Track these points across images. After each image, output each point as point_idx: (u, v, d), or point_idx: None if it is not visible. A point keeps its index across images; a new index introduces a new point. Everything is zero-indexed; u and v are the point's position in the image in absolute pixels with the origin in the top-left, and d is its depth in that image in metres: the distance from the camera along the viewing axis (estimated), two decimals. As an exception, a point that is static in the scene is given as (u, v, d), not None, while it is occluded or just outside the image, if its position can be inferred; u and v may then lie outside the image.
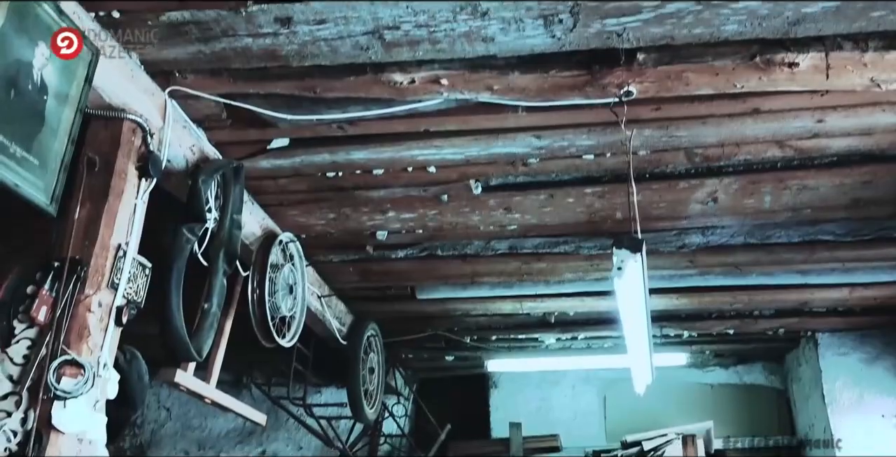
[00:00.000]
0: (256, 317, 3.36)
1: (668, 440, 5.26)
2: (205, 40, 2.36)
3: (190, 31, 2.31)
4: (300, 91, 2.68)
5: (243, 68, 2.53)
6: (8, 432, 2.15)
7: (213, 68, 2.55)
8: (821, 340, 4.98)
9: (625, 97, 2.53)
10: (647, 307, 2.66)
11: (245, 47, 2.38)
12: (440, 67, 2.49)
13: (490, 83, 2.57)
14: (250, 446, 6.41)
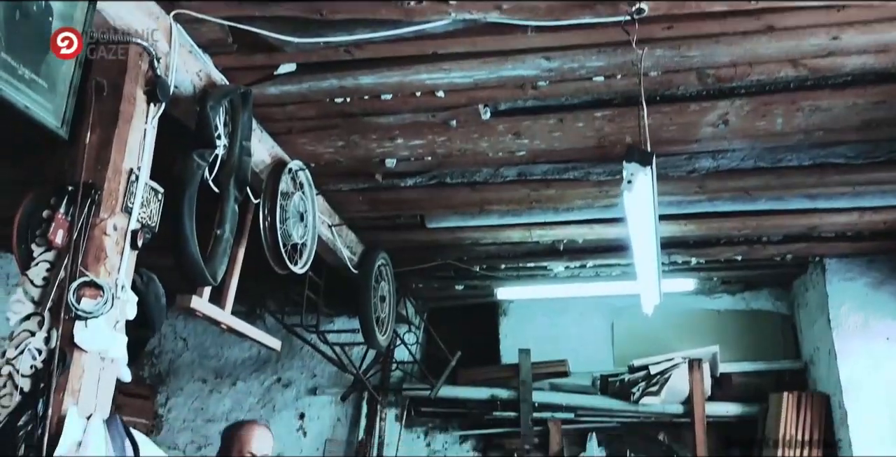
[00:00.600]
0: (269, 244, 3.41)
1: (675, 364, 5.37)
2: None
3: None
4: (306, 13, 2.65)
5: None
6: (33, 351, 2.22)
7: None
8: (828, 265, 5.01)
9: (636, 15, 2.50)
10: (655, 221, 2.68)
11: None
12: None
13: (499, 2, 2.53)
14: (265, 374, 6.58)
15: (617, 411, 5.61)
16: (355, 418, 6.20)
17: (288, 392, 6.47)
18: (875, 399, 4.68)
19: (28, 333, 2.25)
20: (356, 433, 6.11)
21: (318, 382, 6.43)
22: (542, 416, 5.73)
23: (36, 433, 2.12)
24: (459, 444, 6.05)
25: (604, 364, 5.96)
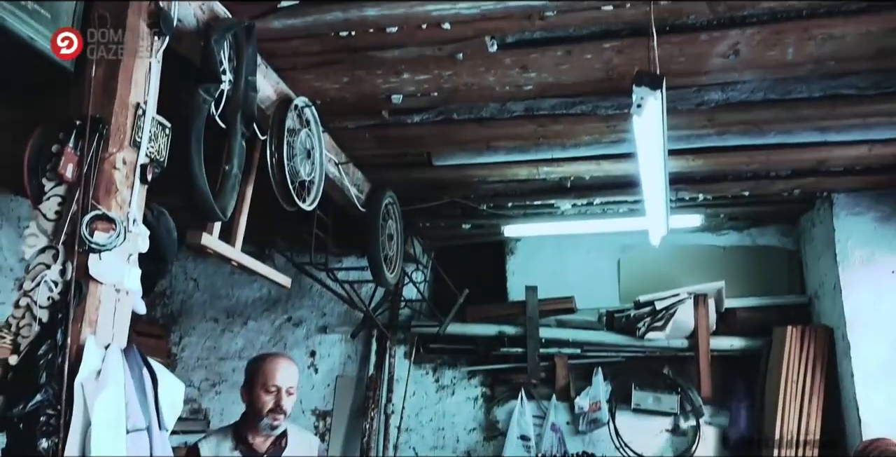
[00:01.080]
0: (277, 180, 3.42)
1: (680, 300, 5.43)
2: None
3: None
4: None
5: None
6: (49, 283, 2.26)
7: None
8: (836, 200, 4.99)
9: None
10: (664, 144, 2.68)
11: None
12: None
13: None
14: (276, 313, 6.68)
15: (622, 346, 5.70)
16: (365, 355, 6.33)
17: (299, 331, 6.59)
18: (878, 332, 4.73)
19: (44, 266, 2.29)
20: (366, 370, 6.24)
21: (328, 320, 6.54)
22: (549, 351, 5.84)
23: (56, 362, 2.18)
24: (467, 379, 6.18)
25: (610, 301, 6.04)
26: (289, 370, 2.96)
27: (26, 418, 2.11)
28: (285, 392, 2.90)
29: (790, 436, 4.86)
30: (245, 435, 2.92)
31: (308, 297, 6.62)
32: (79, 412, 2.13)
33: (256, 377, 2.95)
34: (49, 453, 2.12)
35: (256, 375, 2.96)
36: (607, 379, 5.77)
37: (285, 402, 2.89)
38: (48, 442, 2.12)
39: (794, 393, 4.94)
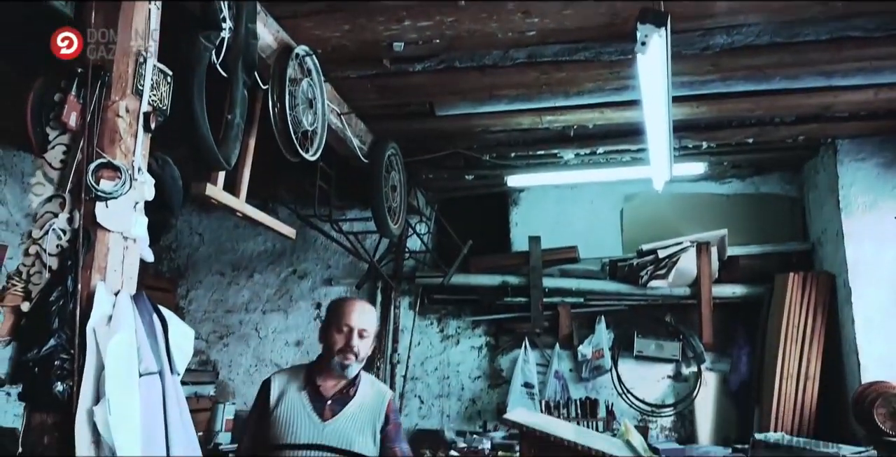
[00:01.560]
0: (279, 130, 3.41)
1: (683, 248, 5.45)
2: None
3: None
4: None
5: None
6: (58, 231, 2.28)
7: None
8: (840, 146, 4.97)
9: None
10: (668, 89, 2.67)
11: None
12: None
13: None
14: (281, 266, 6.73)
15: (625, 295, 5.75)
16: (370, 306, 6.38)
17: (304, 283, 6.64)
18: (879, 278, 4.77)
19: (51, 215, 2.31)
20: (372, 321, 6.29)
21: (333, 273, 6.59)
22: (552, 301, 5.89)
23: (67, 308, 2.22)
24: (472, 329, 6.26)
25: (613, 250, 6.06)
26: (363, 313, 2.90)
27: (41, 363, 2.16)
28: (357, 333, 2.83)
29: (790, 380, 4.93)
30: (316, 376, 2.88)
31: (312, 250, 6.67)
32: (92, 356, 2.17)
33: (331, 318, 2.92)
34: (64, 396, 2.17)
35: (331, 315, 2.93)
36: (610, 327, 5.84)
37: (356, 342, 2.82)
38: (63, 385, 2.17)
39: (795, 338, 5.00)
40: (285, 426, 2.76)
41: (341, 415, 2.82)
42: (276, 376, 2.94)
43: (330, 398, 2.84)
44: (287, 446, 2.73)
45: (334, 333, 2.85)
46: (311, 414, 2.79)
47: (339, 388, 2.88)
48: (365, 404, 2.87)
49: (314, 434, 2.76)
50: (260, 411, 2.85)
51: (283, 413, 2.79)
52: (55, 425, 2.21)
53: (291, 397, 2.83)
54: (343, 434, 2.79)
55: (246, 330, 6.68)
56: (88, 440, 2.13)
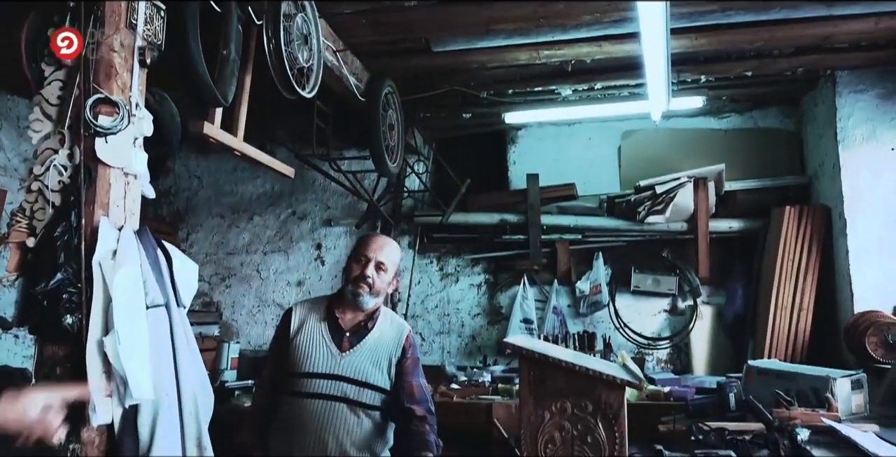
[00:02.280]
0: (275, 67, 3.38)
1: (681, 183, 5.47)
2: None
3: None
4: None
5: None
6: (59, 167, 2.30)
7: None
8: (839, 77, 4.94)
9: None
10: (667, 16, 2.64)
11: None
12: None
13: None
14: (280, 208, 6.76)
15: (623, 231, 5.80)
16: (370, 246, 6.43)
17: (304, 224, 6.68)
18: (874, 209, 4.80)
19: (51, 151, 2.32)
20: (372, 260, 6.36)
21: (332, 213, 6.62)
22: (551, 238, 5.94)
23: (72, 243, 2.25)
24: (471, 267, 6.33)
25: (611, 187, 6.08)
26: (382, 246, 2.96)
27: (49, 296, 2.21)
28: (374, 264, 2.90)
29: (784, 312, 5.02)
30: (335, 308, 2.96)
31: (311, 191, 6.68)
32: (99, 290, 2.21)
33: (353, 250, 3.01)
34: (74, 328, 2.22)
35: (354, 248, 3.03)
36: (607, 263, 5.90)
37: (370, 272, 2.88)
38: (72, 318, 2.22)
39: (790, 271, 5.07)
40: (304, 355, 2.85)
41: (359, 347, 2.89)
42: (298, 306, 3.03)
43: (348, 330, 2.92)
44: (305, 375, 2.83)
45: (352, 263, 2.94)
46: (329, 345, 2.88)
47: (358, 321, 2.96)
48: (382, 338, 2.93)
49: (331, 365, 2.85)
50: (281, 339, 2.97)
51: (303, 342, 2.88)
52: (66, 357, 2.28)
53: (311, 327, 2.92)
54: (359, 366, 2.86)
55: (248, 271, 6.75)
56: (100, 370, 2.19)
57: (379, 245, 2.96)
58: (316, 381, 2.82)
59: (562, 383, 2.03)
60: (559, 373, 2.02)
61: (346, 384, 2.82)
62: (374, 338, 2.92)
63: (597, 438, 2.00)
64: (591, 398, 2.02)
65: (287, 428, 2.83)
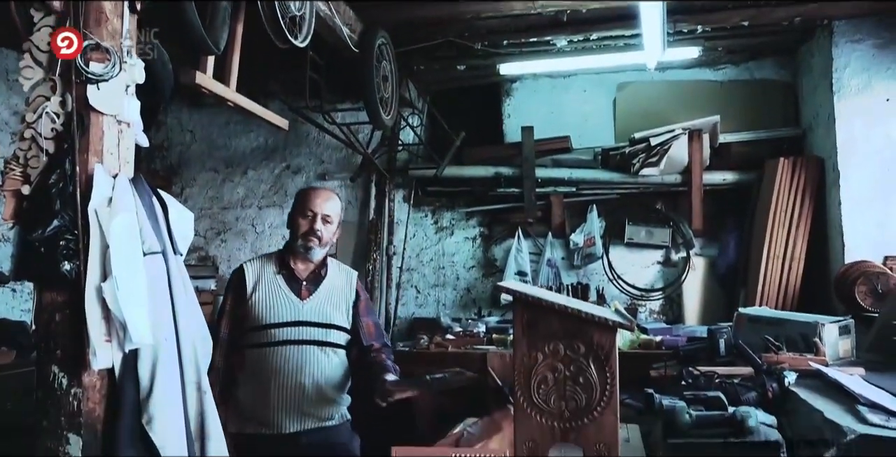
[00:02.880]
0: (266, 14, 3.34)
1: (675, 135, 5.47)
2: None
3: None
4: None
5: None
6: (51, 114, 2.29)
7: None
8: (836, 27, 4.89)
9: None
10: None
11: None
12: None
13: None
14: (275, 162, 6.75)
15: (617, 183, 5.81)
16: (365, 200, 6.46)
17: (298, 178, 6.68)
18: (867, 160, 4.81)
19: (43, 98, 2.30)
20: (367, 214, 6.39)
21: (327, 167, 6.61)
22: (545, 191, 5.96)
23: (68, 190, 2.25)
24: (465, 220, 6.36)
25: (605, 139, 6.07)
26: (325, 199, 3.10)
27: (47, 243, 2.21)
28: (321, 218, 3.04)
29: (775, 263, 5.07)
30: (288, 260, 3.08)
31: (305, 144, 6.66)
32: (96, 237, 2.22)
33: (296, 205, 3.12)
34: (72, 274, 2.24)
35: (297, 203, 3.13)
36: (601, 215, 5.93)
37: (319, 226, 3.02)
38: (70, 264, 2.23)
39: (783, 222, 5.11)
40: (266, 308, 2.98)
41: (317, 293, 3.07)
42: (248, 264, 3.13)
43: (304, 280, 3.07)
44: (269, 326, 2.96)
45: (299, 218, 3.06)
46: (288, 295, 3.02)
47: (311, 270, 3.10)
48: (335, 284, 3.12)
49: (294, 312, 3.00)
50: (236, 298, 3.04)
51: (263, 297, 2.99)
52: (65, 303, 2.29)
53: (268, 281, 3.03)
54: (321, 310, 3.05)
55: (243, 226, 6.77)
56: (99, 316, 2.21)
57: (323, 199, 3.08)
58: (282, 329, 2.97)
59: (555, 325, 2.06)
60: (552, 315, 2.05)
61: (311, 328, 3.00)
62: (329, 284, 3.10)
63: (589, 378, 2.04)
64: (583, 340, 2.05)
65: (259, 377, 2.95)
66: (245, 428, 2.96)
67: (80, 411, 2.28)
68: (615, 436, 2.04)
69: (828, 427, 2.25)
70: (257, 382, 2.95)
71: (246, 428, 2.96)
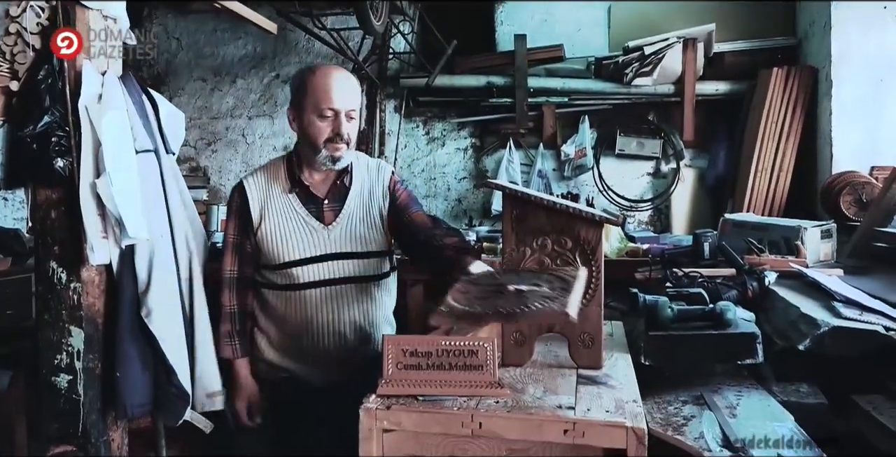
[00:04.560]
0: None
1: (669, 44, 5.39)
2: None
3: None
4: None
5: None
6: (36, 8, 2.26)
7: None
8: (837, -71, 4.78)
9: None
10: None
11: None
12: None
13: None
14: (264, 70, 6.64)
15: (609, 94, 5.76)
16: (356, 110, 6.38)
17: (288, 88, 6.57)
18: (860, 69, 4.77)
19: (25, -5, 2.27)
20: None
21: (317, 77, 6.50)
22: (537, 101, 5.91)
23: (57, 86, 2.24)
24: (457, 131, 6.33)
25: (599, 49, 5.98)
26: (348, 89, 2.31)
27: (38, 139, 2.23)
28: (345, 116, 2.28)
29: (764, 173, 5.11)
30: (300, 173, 2.40)
31: (294, 53, 6.55)
32: (87, 133, 2.23)
33: (305, 98, 2.29)
34: (65, 171, 2.26)
35: (305, 95, 2.29)
36: (593, 126, 5.92)
37: (345, 128, 2.28)
38: (63, 161, 2.25)
39: (773, 133, 5.11)
40: (281, 241, 2.35)
41: (344, 212, 2.39)
42: (250, 181, 2.42)
43: (325, 197, 2.40)
44: (288, 264, 2.36)
45: (316, 120, 2.28)
46: (308, 221, 2.37)
47: (332, 180, 2.41)
48: (366, 192, 2.43)
49: (319, 244, 2.36)
50: (239, 226, 2.42)
51: (274, 227, 2.36)
52: (60, 200, 2.33)
53: (278, 205, 2.38)
54: (353, 234, 2.38)
55: (233, 136, 6.73)
56: (94, 212, 2.25)
57: (345, 88, 2.29)
58: (305, 269, 2.35)
59: (543, 220, 2.10)
60: (540, 211, 2.09)
61: (345, 262, 2.38)
62: (358, 195, 2.42)
63: (575, 272, 2.11)
64: (570, 235, 2.10)
65: (283, 328, 2.43)
66: (276, 374, 2.47)
67: (80, 305, 2.35)
68: (599, 327, 2.12)
69: (803, 321, 2.34)
70: (282, 333, 2.43)
71: (278, 374, 2.47)
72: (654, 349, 2.25)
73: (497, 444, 1.77)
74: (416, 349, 1.94)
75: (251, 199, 2.37)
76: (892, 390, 2.21)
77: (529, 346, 2.18)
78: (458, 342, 1.96)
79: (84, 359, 2.34)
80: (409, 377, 1.92)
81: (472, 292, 1.86)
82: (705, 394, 2.16)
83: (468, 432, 1.76)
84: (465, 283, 1.95)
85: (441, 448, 1.80)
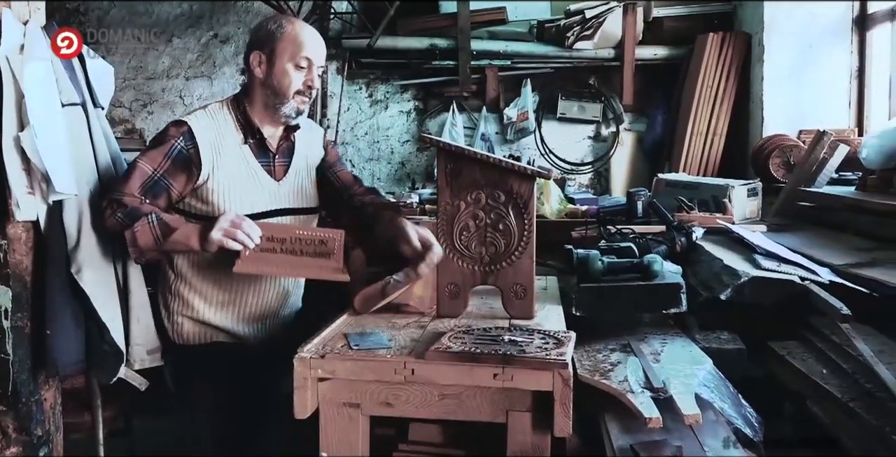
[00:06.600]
0: None
1: (610, 8, 5.44)
2: None
3: None
4: None
5: None
6: (-50, -49, 2.16)
7: None
8: None
9: None
10: None
11: None
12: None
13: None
14: (201, 30, 6.47)
15: (551, 58, 5.79)
16: (297, 72, 6.29)
17: (227, 48, 6.46)
18: (791, 35, 4.88)
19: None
20: (299, 87, 6.25)
21: (256, 37, 6.38)
22: (480, 64, 5.90)
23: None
24: (400, 94, 6.30)
25: (542, 12, 5.97)
26: (321, 43, 2.36)
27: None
28: (317, 69, 2.33)
29: (699, 137, 5.24)
30: (255, 122, 2.36)
31: (234, 12, 6.40)
32: (9, 85, 2.16)
33: (279, 44, 2.27)
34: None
35: (279, 40, 2.28)
36: (535, 90, 5.95)
37: (317, 82, 2.34)
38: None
39: (708, 98, 5.23)
40: (232, 194, 2.30)
41: (292, 168, 2.43)
42: (197, 125, 2.31)
43: (276, 152, 2.40)
44: None
45: (291, 69, 2.27)
46: (260, 175, 2.36)
47: (281, 135, 2.42)
48: (306, 150, 2.50)
49: (270, 199, 2.37)
50: (170, 169, 2.26)
51: (224, 178, 2.28)
52: (-17, 154, 2.26)
53: (231, 155, 2.31)
54: (300, 190, 2.44)
55: (170, 97, 6.57)
56: (19, 167, 2.20)
57: (319, 44, 2.33)
58: None
59: (477, 174, 2.15)
60: (474, 165, 2.13)
61: (292, 218, 2.42)
62: (302, 152, 2.47)
63: (508, 225, 2.15)
64: (503, 189, 2.15)
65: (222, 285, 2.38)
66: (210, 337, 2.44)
67: (7, 263, 2.29)
68: (531, 278, 2.18)
69: (725, 272, 2.45)
70: (221, 290, 2.38)
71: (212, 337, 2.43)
72: (584, 300, 2.32)
73: (430, 389, 1.82)
74: (273, 235, 2.14)
75: (202, 146, 2.27)
76: (805, 336, 2.33)
77: (464, 297, 2.23)
78: (310, 232, 2.16)
79: (12, 318, 2.29)
80: (264, 258, 2.09)
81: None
82: (632, 342, 2.25)
83: (401, 379, 1.80)
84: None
85: (375, 395, 1.84)
